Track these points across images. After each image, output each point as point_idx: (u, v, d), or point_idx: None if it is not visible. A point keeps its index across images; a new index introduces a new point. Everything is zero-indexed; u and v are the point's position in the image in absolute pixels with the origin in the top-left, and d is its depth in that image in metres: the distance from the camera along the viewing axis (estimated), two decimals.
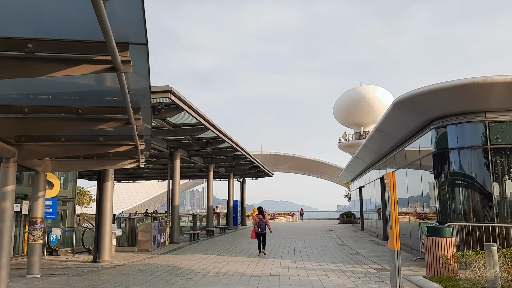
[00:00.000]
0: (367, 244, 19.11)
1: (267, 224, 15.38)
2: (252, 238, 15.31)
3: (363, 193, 30.34)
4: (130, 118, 6.32)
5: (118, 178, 41.32)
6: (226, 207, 34.71)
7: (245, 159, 28.00)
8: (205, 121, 16.19)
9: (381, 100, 77.20)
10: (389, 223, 8.03)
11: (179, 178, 20.97)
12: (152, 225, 17.37)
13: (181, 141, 20.89)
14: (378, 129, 15.90)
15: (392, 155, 17.88)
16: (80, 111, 6.46)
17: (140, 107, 6.82)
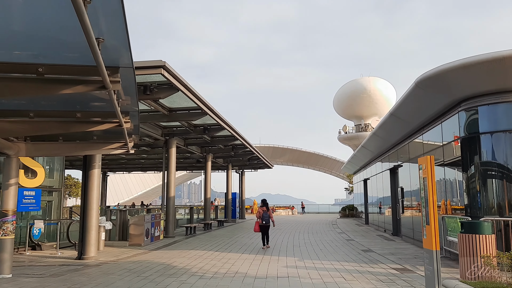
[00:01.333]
0: (377, 240, 17.75)
1: (271, 217, 14.93)
2: (255, 231, 14.87)
3: (368, 185, 28.97)
4: (104, 79, 4.88)
5: (112, 169, 39.92)
6: (225, 199, 33.33)
7: (245, 149, 26.57)
8: (202, 104, 14.72)
9: (382, 92, 75.76)
10: (425, 218, 6.63)
11: (175, 168, 19.55)
12: (144, 218, 15.96)
13: (177, 128, 19.42)
14: (392, 114, 14.47)
15: (406, 143, 16.46)
16: (40, 70, 5.02)
17: (118, 67, 5.36)
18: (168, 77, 11.22)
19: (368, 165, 27.64)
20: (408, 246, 15.09)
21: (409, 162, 16.31)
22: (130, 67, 5.28)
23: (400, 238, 17.96)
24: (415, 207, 15.79)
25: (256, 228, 14.82)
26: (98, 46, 4.15)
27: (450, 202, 12.02)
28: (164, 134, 19.43)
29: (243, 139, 23.31)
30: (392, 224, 19.80)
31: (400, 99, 12.82)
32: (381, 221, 23.28)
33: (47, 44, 4.74)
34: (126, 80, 5.85)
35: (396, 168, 18.81)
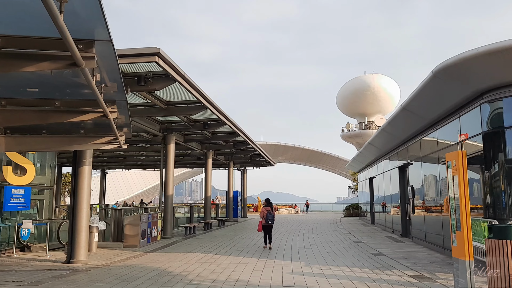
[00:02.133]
0: (386, 241, 16.84)
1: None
2: (258, 231, 14.78)
3: (374, 184, 28.03)
4: (73, 52, 3.94)
5: (111, 166, 39.05)
6: (226, 198, 32.45)
7: (247, 146, 25.66)
8: (202, 97, 13.81)
9: (386, 89, 74.74)
10: (455, 222, 5.70)
11: (173, 165, 18.65)
12: (140, 218, 15.08)
13: (176, 123, 18.53)
14: (405, 108, 13.52)
15: (417, 139, 15.52)
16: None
17: (94, 40, 4.43)
18: (164, 66, 10.32)
19: (374, 163, 26.70)
20: (420, 249, 14.17)
21: (420, 160, 15.37)
22: (108, 40, 4.35)
23: (410, 240, 17.05)
24: (428, 207, 14.87)
25: (260, 227, 14.66)
26: (60, 7, 3.24)
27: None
28: (162, 129, 18.54)
29: (245, 135, 22.41)
30: (401, 225, 18.88)
31: (415, 91, 11.88)
32: (389, 221, 22.36)
33: (4, 10, 3.82)
34: (106, 60, 4.94)
35: (406, 166, 17.87)
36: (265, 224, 14.54)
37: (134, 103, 14.98)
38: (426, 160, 14.69)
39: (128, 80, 11.53)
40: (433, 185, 14.29)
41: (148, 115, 15.62)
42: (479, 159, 10.16)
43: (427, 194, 15.04)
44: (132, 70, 11.30)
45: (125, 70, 11.32)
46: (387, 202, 23.09)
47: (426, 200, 15.08)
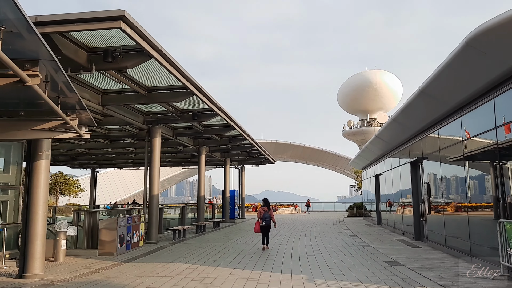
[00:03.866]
0: (398, 246, 14.88)
1: (272, 217, 14.27)
2: (255, 232, 14.29)
3: (381, 181, 26.06)
4: None
5: (102, 164, 37.04)
6: (222, 197, 30.50)
7: (243, 141, 23.69)
8: (186, 79, 11.85)
9: (388, 85, 72.78)
10: None
11: (159, 161, 16.67)
12: (118, 221, 13.11)
13: (162, 114, 16.57)
14: (423, 92, 11.54)
15: (435, 130, 13.54)
16: None
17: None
18: (132, 35, 8.34)
19: (381, 159, 24.71)
20: (441, 255, 12.20)
21: (439, 153, 13.39)
22: None
23: (426, 244, 15.09)
24: (449, 207, 12.90)
25: (257, 228, 14.21)
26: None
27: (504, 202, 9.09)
28: (147, 121, 16.57)
29: (241, 128, 20.45)
30: (413, 226, 16.91)
31: (438, 69, 9.92)
32: (398, 222, 20.39)
33: None
34: None
35: (420, 160, 15.89)
36: (262, 225, 14.08)
37: (109, 89, 13.04)
38: (447, 153, 12.71)
39: (93, 56, 9.59)
40: (456, 182, 12.31)
41: (126, 103, 13.65)
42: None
43: (449, 192, 13.06)
44: (97, 43, 9.36)
45: (88, 43, 9.38)
46: (396, 201, 21.13)
47: (447, 199, 13.11)
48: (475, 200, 10.99)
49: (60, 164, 33.28)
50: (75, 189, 56.17)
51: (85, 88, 12.25)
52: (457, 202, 12.16)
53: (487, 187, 10.18)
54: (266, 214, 14.11)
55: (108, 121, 16.52)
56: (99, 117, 16.25)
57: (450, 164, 12.71)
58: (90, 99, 12.49)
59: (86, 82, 12.09)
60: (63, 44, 8.72)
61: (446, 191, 13.20)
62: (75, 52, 9.16)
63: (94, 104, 12.76)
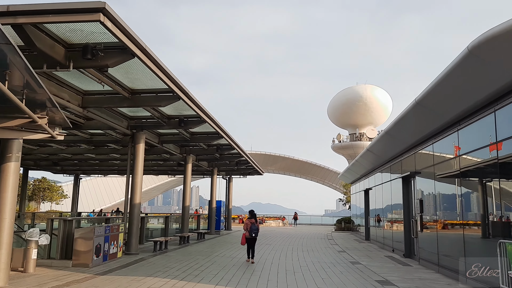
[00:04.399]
0: (388, 264, 14.30)
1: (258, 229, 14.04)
2: (242, 244, 14.13)
3: (371, 196, 25.57)
4: None
5: (86, 171, 36.07)
6: (208, 208, 29.73)
7: (232, 151, 23.06)
8: (172, 82, 11.24)
9: (379, 100, 73.06)
10: None
11: (142, 168, 15.95)
12: (94, 231, 12.34)
13: (147, 119, 15.91)
14: (419, 104, 11.08)
15: (428, 144, 13.07)
16: None
17: None
18: (113, 30, 7.73)
19: (371, 173, 24.25)
20: (434, 275, 11.64)
21: (433, 168, 12.91)
22: None
23: (417, 262, 14.54)
24: (443, 224, 12.38)
25: (243, 241, 14.01)
26: None
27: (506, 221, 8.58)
28: (131, 126, 15.88)
29: (229, 137, 19.83)
30: (404, 243, 16.37)
31: (437, 79, 9.46)
32: (388, 238, 19.84)
33: None
34: None
35: (412, 176, 15.41)
36: (249, 237, 13.85)
37: (91, 90, 12.38)
38: (441, 169, 12.24)
39: (72, 53, 8.95)
40: (451, 198, 11.82)
41: (108, 106, 12.98)
42: None
43: (443, 209, 12.56)
44: (76, 39, 8.73)
45: (67, 38, 8.75)
46: (386, 216, 20.61)
47: (440, 216, 12.60)
48: (471, 218, 10.48)
49: (42, 169, 32.26)
50: (58, 195, 54.80)
51: (64, 88, 11.57)
52: (452, 219, 11.64)
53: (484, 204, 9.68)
54: (254, 226, 13.90)
55: (90, 125, 15.80)
56: (81, 120, 15.53)
57: (444, 180, 12.23)
58: (70, 99, 11.80)
59: (65, 81, 11.41)
60: (39, 38, 8.07)
61: (440, 208, 12.70)
62: (52, 47, 8.51)
63: (74, 105, 12.07)
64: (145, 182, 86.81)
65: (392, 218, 19.12)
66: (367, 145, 20.28)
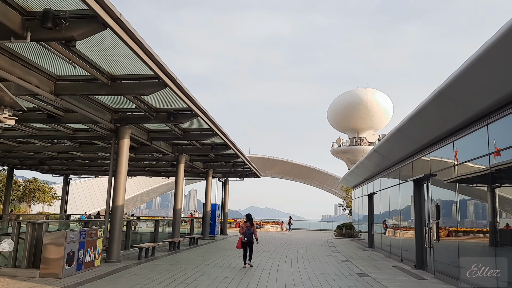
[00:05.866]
0: (400, 276, 12.75)
1: (255, 233, 13.85)
2: (238, 248, 13.83)
3: (375, 201, 24.02)
4: None
5: (76, 171, 34.46)
6: (202, 212, 28.15)
7: (228, 150, 21.48)
8: (156, 65, 9.72)
9: (380, 104, 71.57)
10: None
11: (127, 166, 14.38)
12: (66, 236, 10.77)
13: (133, 112, 14.37)
14: (442, 93, 9.57)
15: (448, 141, 11.55)
16: None
17: None
18: None
19: (376, 176, 22.71)
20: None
21: (454, 170, 11.37)
22: None
23: (431, 275, 12.99)
24: (466, 232, 10.84)
25: (239, 245, 13.75)
26: None
27: None
28: (115, 120, 14.33)
29: (225, 135, 18.29)
30: (415, 253, 14.82)
31: (466, 63, 7.97)
32: (395, 246, 18.28)
33: None
34: None
35: (427, 178, 13.87)
36: (244, 241, 13.60)
37: (65, 75, 10.87)
38: (463, 171, 10.71)
39: (30, 21, 7.43)
40: (478, 203, 10.28)
41: (85, 93, 11.42)
42: None
43: (465, 216, 11.01)
44: (35, 5, 7.20)
45: (25, 4, 7.20)
46: (394, 223, 19.06)
47: (464, 223, 11.05)
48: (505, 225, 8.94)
49: (28, 169, 30.61)
50: (50, 196, 53.08)
51: (32, 71, 10.02)
52: (480, 227, 10.10)
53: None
54: (248, 230, 13.66)
55: (69, 118, 14.28)
56: (60, 112, 14.01)
57: (469, 183, 10.70)
58: (40, 85, 10.25)
59: (33, 63, 9.86)
60: None
61: (465, 215, 11.15)
62: (5, 13, 7.00)
63: (45, 92, 10.52)
64: (141, 184, 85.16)
65: (401, 225, 17.57)
66: (372, 147, 18.78)
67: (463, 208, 11.18)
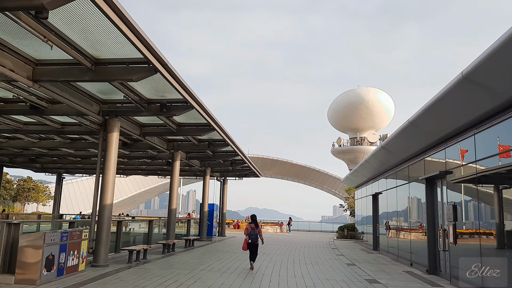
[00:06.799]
0: (413, 283, 11.67)
1: (260, 234, 13.58)
2: (243, 249, 13.61)
3: (380, 201, 22.94)
4: None
5: (69, 170, 33.31)
6: (199, 212, 27.03)
7: (225, 147, 20.36)
8: (144, 46, 8.62)
9: (381, 103, 70.56)
10: None
11: (115, 161, 13.28)
12: (45, 238, 9.66)
13: (122, 103, 13.26)
14: (467, 79, 8.49)
15: (469, 135, 10.47)
16: None
17: None
18: None
19: (382, 174, 21.62)
20: None
21: (475, 164, 10.29)
22: None
23: (447, 281, 11.90)
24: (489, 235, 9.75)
25: (245, 246, 13.52)
26: None
27: None
28: (103, 112, 13.21)
29: (223, 131, 17.18)
30: (427, 257, 13.73)
31: (496, 43, 6.89)
32: (404, 249, 17.17)
33: None
34: None
35: (442, 176, 12.76)
36: (250, 243, 13.34)
37: (45, 59, 9.76)
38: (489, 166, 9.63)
39: None
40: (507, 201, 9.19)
41: (66, 79, 10.28)
42: None
43: (489, 217, 9.92)
44: None
45: None
46: (402, 224, 17.98)
47: (486, 225, 9.96)
48: None
49: (19, 167, 29.45)
50: (45, 196, 51.92)
51: (5, 53, 8.91)
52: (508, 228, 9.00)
53: None
54: (253, 232, 13.37)
55: (54, 109, 13.18)
56: (43, 103, 12.90)
57: (493, 180, 9.62)
58: (14, 69, 9.14)
59: (5, 42, 8.76)
60: None
61: (485, 215, 10.06)
62: None
63: (21, 77, 9.42)
64: (139, 184, 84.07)
65: (410, 227, 16.48)
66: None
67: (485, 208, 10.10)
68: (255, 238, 13.31)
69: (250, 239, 13.27)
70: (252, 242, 13.30)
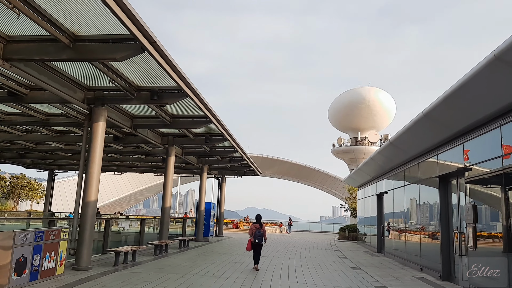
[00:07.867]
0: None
1: (264, 235, 13.54)
2: (247, 250, 13.70)
3: (386, 201, 21.79)
4: None
5: (62, 166, 32.14)
6: (196, 211, 25.88)
7: (223, 142, 19.15)
8: (129, 19, 7.47)
9: (382, 103, 69.47)
10: None
11: (101, 154, 12.12)
12: (15, 237, 8.50)
13: (110, 90, 12.10)
14: (499, 59, 7.35)
15: (494, 126, 9.34)
16: None
17: None
18: None
19: (388, 173, 20.47)
20: None
21: (501, 159, 9.16)
22: None
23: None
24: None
25: (249, 246, 13.56)
26: None
27: None
28: (88, 99, 12.04)
29: (221, 124, 16.01)
30: (441, 262, 12.59)
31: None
32: (412, 253, 16.03)
33: None
34: None
35: (459, 174, 11.63)
36: (254, 243, 13.30)
37: (18, 36, 8.60)
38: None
39: None
40: None
41: (41, 58, 9.06)
42: None
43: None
44: None
45: None
46: (410, 226, 16.84)
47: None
48: None
49: (8, 162, 28.28)
50: (38, 193, 50.71)
51: None
52: None
53: None
54: (258, 232, 13.38)
55: (34, 96, 12.03)
56: (23, 89, 11.74)
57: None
58: None
59: None
60: None
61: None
62: None
63: None
64: (136, 182, 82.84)
65: (420, 229, 15.35)
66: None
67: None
68: (260, 238, 13.34)
69: (255, 239, 13.29)
70: (258, 243, 13.32)
